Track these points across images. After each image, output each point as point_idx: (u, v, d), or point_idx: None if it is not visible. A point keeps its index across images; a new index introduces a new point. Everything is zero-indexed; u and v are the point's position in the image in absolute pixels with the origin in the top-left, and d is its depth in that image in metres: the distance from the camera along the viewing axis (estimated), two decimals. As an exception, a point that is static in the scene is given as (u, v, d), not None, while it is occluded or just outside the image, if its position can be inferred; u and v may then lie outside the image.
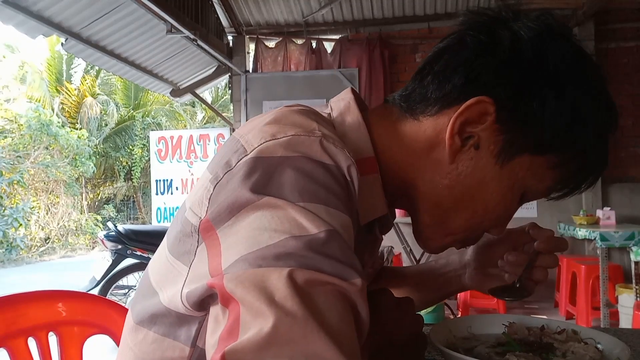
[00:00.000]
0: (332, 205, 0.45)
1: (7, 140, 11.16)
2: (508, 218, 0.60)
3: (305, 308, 0.37)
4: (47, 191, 11.83)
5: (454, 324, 0.77)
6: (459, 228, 0.59)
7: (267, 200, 0.44)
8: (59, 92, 12.96)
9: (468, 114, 0.53)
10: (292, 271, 0.38)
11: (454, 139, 0.54)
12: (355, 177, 0.48)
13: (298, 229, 0.42)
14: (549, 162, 0.54)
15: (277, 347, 0.35)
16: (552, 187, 0.57)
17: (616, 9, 4.99)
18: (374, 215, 0.58)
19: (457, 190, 0.56)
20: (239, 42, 5.80)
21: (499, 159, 0.54)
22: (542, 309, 4.72)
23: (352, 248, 0.44)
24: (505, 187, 0.55)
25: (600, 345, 0.69)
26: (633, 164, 5.03)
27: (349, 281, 0.40)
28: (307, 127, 0.50)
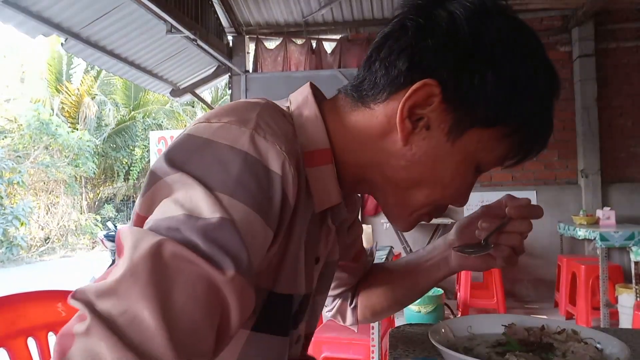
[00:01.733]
0: (238, 197, 0.46)
1: (7, 140, 11.16)
2: (467, 189, 0.62)
3: (151, 275, 0.39)
4: (47, 191, 11.83)
5: (454, 324, 0.77)
6: (421, 204, 0.61)
7: (180, 176, 0.46)
8: (59, 92, 12.95)
9: (415, 98, 0.55)
10: (163, 240, 0.41)
11: (404, 123, 0.56)
12: (289, 171, 0.49)
13: (196, 210, 0.44)
14: (497, 134, 0.56)
15: (111, 297, 0.38)
16: (504, 157, 0.59)
17: (616, 9, 4.99)
18: (329, 204, 0.60)
19: (413, 170, 0.58)
20: (239, 42, 5.80)
21: (449, 137, 0.56)
22: (542, 309, 4.72)
23: (245, 242, 0.44)
24: (458, 161, 0.57)
25: (600, 345, 0.69)
26: (633, 164, 5.03)
27: (220, 269, 0.41)
28: (244, 117, 0.51)
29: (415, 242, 5.20)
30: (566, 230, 4.46)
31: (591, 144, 4.96)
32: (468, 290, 4.28)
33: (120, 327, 0.37)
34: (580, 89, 5.01)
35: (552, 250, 5.00)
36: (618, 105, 5.07)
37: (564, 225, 4.55)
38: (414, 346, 0.88)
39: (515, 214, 0.68)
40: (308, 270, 0.62)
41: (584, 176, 4.99)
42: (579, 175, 5.10)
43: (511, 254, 0.68)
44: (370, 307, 0.87)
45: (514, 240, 0.68)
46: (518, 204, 0.68)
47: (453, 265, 0.78)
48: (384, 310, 0.87)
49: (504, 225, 0.68)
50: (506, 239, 0.69)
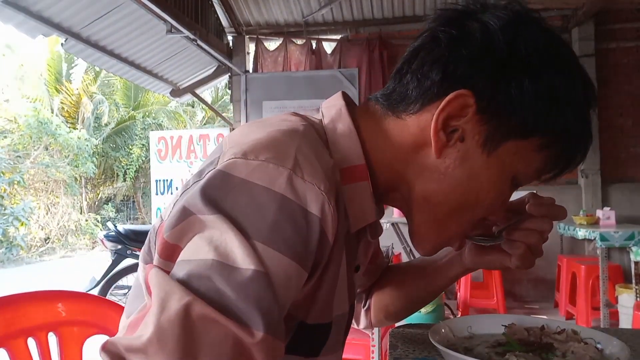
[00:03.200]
0: (273, 244, 0.44)
1: (7, 140, 11.16)
2: (502, 205, 0.60)
3: (179, 341, 0.38)
4: (47, 191, 11.83)
5: (454, 324, 0.77)
6: (452, 222, 0.59)
7: (215, 218, 0.44)
8: (58, 92, 12.95)
9: (449, 109, 0.54)
10: (191, 302, 0.40)
11: (438, 135, 0.55)
12: (329, 211, 0.47)
13: (230, 257, 0.42)
14: (534, 145, 0.55)
15: (140, 356, 0.39)
16: (542, 169, 0.58)
17: (616, 9, 4.99)
18: (364, 223, 0.59)
19: (446, 184, 0.56)
20: (239, 42, 5.80)
21: (485, 148, 0.55)
22: (542, 309, 4.72)
23: (277, 295, 0.43)
24: (494, 174, 0.56)
25: (600, 345, 0.69)
26: (633, 164, 5.03)
27: (249, 331, 0.40)
28: (282, 154, 0.48)
29: (415, 242, 5.20)
30: (566, 230, 4.45)
31: (591, 144, 4.95)
32: (468, 290, 4.28)
33: None
34: (580, 89, 5.00)
35: (552, 250, 5.00)
36: (618, 105, 5.07)
37: (564, 225, 4.54)
38: (414, 346, 0.88)
39: (537, 212, 0.63)
40: (350, 283, 0.60)
41: (584, 176, 4.99)
42: (579, 175, 5.10)
43: (527, 252, 0.63)
44: (384, 308, 0.86)
45: (532, 238, 0.63)
46: (541, 202, 0.64)
47: (467, 262, 0.74)
48: (398, 311, 0.85)
49: (521, 222, 0.63)
50: (523, 235, 0.63)
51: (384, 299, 0.85)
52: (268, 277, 0.42)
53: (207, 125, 14.32)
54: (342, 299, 0.58)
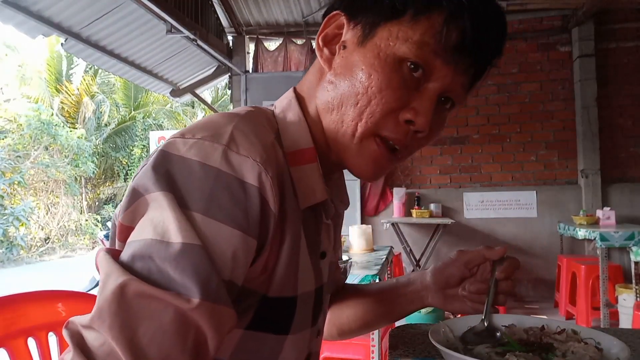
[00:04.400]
0: (212, 214, 0.47)
1: (7, 140, 11.16)
2: (396, 88, 0.56)
3: (115, 317, 0.42)
4: (47, 191, 11.82)
5: (454, 324, 0.77)
6: (352, 115, 0.58)
7: (158, 195, 0.47)
8: (58, 92, 12.95)
9: (327, 30, 0.62)
10: (127, 281, 0.43)
11: (323, 51, 0.62)
12: (267, 180, 0.50)
13: (167, 234, 0.45)
14: (405, 22, 0.56)
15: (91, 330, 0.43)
16: (429, 44, 0.55)
17: (616, 9, 4.99)
18: (314, 201, 0.60)
19: (339, 86, 0.60)
20: (239, 42, 5.80)
21: (361, 43, 0.59)
22: (542, 309, 4.72)
23: (217, 264, 0.46)
24: (371, 58, 0.57)
25: (600, 345, 0.69)
26: (633, 164, 5.03)
27: (186, 298, 0.43)
28: (218, 132, 0.52)
29: (415, 242, 5.20)
30: (566, 230, 4.45)
31: (591, 144, 4.96)
32: (468, 290, 4.28)
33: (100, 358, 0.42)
34: (580, 89, 5.01)
35: (552, 250, 5.01)
36: (618, 105, 5.07)
37: (564, 225, 4.54)
38: (414, 346, 0.88)
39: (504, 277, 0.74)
40: (316, 266, 0.63)
41: (584, 176, 4.99)
42: (579, 175, 5.10)
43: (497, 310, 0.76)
44: (339, 325, 0.88)
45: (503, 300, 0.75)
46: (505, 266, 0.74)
47: (429, 302, 0.82)
48: (352, 331, 0.89)
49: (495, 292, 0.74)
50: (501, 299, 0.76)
51: (341, 317, 0.88)
52: (203, 248, 0.45)
53: (207, 125, 14.28)
54: (307, 276, 0.60)
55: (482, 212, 5.25)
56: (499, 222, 5.21)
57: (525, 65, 5.24)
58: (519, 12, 5.08)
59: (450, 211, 5.31)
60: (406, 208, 5.21)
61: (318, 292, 0.63)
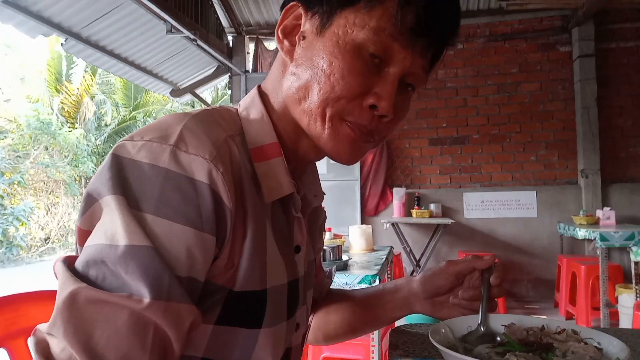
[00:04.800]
0: (162, 214, 0.48)
1: (7, 140, 11.16)
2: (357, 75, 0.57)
3: (67, 325, 0.44)
4: (47, 191, 11.82)
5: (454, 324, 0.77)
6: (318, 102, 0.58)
7: (109, 199, 0.48)
8: (58, 92, 12.95)
9: (286, 22, 0.62)
10: (77, 290, 0.44)
11: (283, 43, 0.62)
12: (218, 176, 0.51)
13: (116, 237, 0.46)
14: (360, 8, 0.57)
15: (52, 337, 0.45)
16: (386, 29, 0.56)
17: (616, 9, 4.99)
18: (280, 194, 0.61)
19: (302, 76, 0.60)
20: (239, 42, 5.81)
21: (319, 32, 0.59)
22: (542, 309, 4.72)
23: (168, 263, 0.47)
24: (330, 46, 0.58)
25: (600, 345, 0.69)
26: (633, 164, 5.03)
27: (137, 298, 0.44)
28: (166, 133, 0.53)
29: (415, 242, 5.20)
30: (566, 230, 4.46)
31: (591, 144, 4.96)
32: (468, 290, 4.28)
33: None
34: (580, 89, 5.01)
35: (552, 250, 5.01)
36: (618, 105, 5.07)
37: (564, 225, 4.55)
38: (414, 346, 0.88)
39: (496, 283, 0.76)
40: (288, 259, 0.63)
41: (584, 176, 4.99)
42: (579, 175, 5.10)
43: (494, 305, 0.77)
44: (324, 330, 0.89)
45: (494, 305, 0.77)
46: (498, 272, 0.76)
47: (417, 310, 0.83)
48: (338, 336, 0.89)
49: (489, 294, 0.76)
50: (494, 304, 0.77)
51: (327, 322, 0.89)
52: (153, 248, 0.46)
53: (207, 125, 14.28)
54: (277, 270, 0.60)
55: (482, 212, 5.25)
56: (499, 222, 5.21)
57: (525, 65, 5.25)
58: (519, 12, 5.08)
59: (450, 211, 5.31)
60: (406, 208, 5.21)
61: (292, 286, 0.63)
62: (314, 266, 0.77)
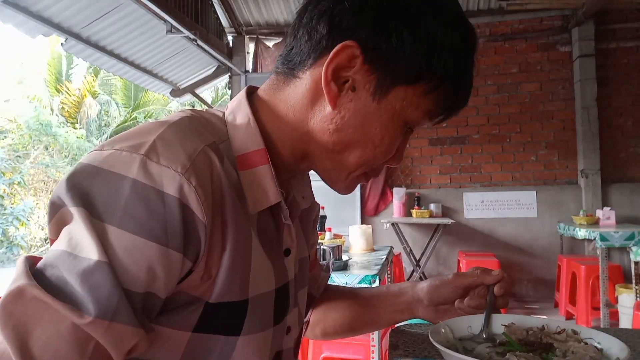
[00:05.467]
0: (125, 227, 0.46)
1: (7, 140, 11.16)
2: (398, 147, 0.63)
3: (8, 318, 0.43)
4: (47, 191, 11.83)
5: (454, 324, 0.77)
6: (355, 165, 0.62)
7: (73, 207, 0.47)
8: (58, 92, 12.96)
9: (337, 60, 0.56)
10: (25, 286, 0.43)
11: (330, 86, 0.57)
12: (191, 191, 0.49)
13: (77, 248, 0.45)
14: (420, 90, 0.58)
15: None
16: (431, 112, 0.61)
17: (616, 9, 4.99)
18: (267, 204, 0.59)
19: (344, 133, 0.59)
20: (239, 42, 5.81)
21: (375, 96, 0.57)
22: (542, 309, 4.72)
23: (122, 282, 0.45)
24: (386, 120, 0.59)
25: (600, 345, 0.69)
26: (633, 164, 5.04)
27: (79, 313, 0.43)
28: (137, 142, 0.51)
29: (415, 242, 5.20)
30: (566, 230, 4.46)
31: (591, 144, 4.96)
32: (468, 290, 4.28)
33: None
34: (580, 89, 5.01)
35: (552, 250, 5.01)
36: (618, 105, 5.07)
37: (564, 225, 4.55)
38: (414, 346, 0.88)
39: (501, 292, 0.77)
40: (277, 264, 0.62)
41: (584, 176, 4.99)
42: (579, 175, 5.10)
43: None
44: (323, 327, 0.88)
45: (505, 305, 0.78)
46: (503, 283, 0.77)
47: (419, 314, 0.83)
48: (337, 333, 0.89)
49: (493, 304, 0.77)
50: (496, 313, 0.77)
51: (326, 319, 0.88)
52: (109, 265, 0.45)
53: (207, 125, 14.29)
54: (263, 278, 0.59)
55: (482, 212, 5.25)
56: (499, 222, 5.21)
57: (525, 65, 5.25)
58: (519, 12, 5.09)
59: (450, 211, 5.31)
60: (406, 208, 5.21)
61: (281, 291, 0.62)
62: (307, 263, 0.76)
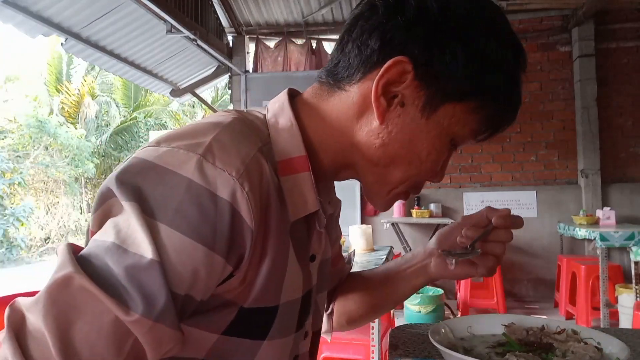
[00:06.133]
0: (176, 226, 0.46)
1: (7, 140, 11.16)
2: (443, 164, 0.64)
3: (52, 307, 0.42)
4: (47, 191, 11.83)
5: (454, 324, 0.77)
6: (399, 181, 0.62)
7: (125, 201, 0.46)
8: (58, 92, 12.95)
9: (388, 75, 0.56)
10: (73, 274, 0.43)
11: (379, 101, 0.57)
12: (243, 196, 0.48)
13: (127, 241, 0.45)
14: (469, 108, 0.58)
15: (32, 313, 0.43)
16: (477, 130, 0.60)
17: (616, 9, 4.99)
18: (305, 212, 0.59)
19: (390, 148, 0.59)
20: (239, 42, 5.80)
21: (424, 112, 0.57)
22: (542, 309, 4.72)
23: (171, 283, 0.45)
24: (433, 136, 0.58)
25: (600, 345, 0.69)
26: (633, 164, 5.03)
27: (126, 309, 0.43)
28: (195, 141, 0.50)
29: (415, 242, 5.20)
30: (566, 230, 4.46)
31: (591, 144, 4.96)
32: (468, 290, 4.29)
33: (30, 343, 0.42)
34: (580, 89, 5.01)
35: (552, 250, 5.01)
36: (618, 105, 5.07)
37: (564, 225, 4.55)
38: (414, 346, 0.88)
39: (501, 224, 0.70)
40: (304, 270, 0.61)
41: (584, 176, 4.99)
42: (579, 175, 5.10)
43: (495, 263, 0.71)
44: (347, 313, 0.87)
45: (499, 249, 0.70)
46: (503, 214, 0.71)
47: (433, 273, 0.78)
48: (361, 317, 0.87)
49: (488, 233, 0.70)
50: (491, 248, 0.71)
51: (348, 305, 0.87)
52: (159, 263, 0.44)
53: (207, 125, 14.28)
54: (293, 285, 0.59)
55: (482, 212, 5.25)
56: (499, 222, 5.20)
57: (525, 65, 5.24)
58: (519, 12, 5.08)
59: (450, 211, 5.30)
60: (406, 208, 5.21)
61: (305, 298, 0.62)
62: (328, 265, 0.75)
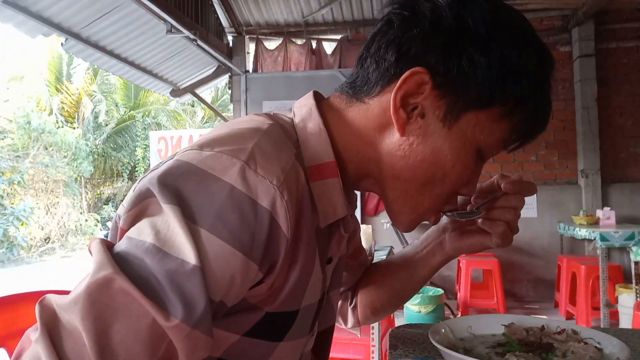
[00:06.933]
0: (217, 232, 0.46)
1: (7, 140, 11.16)
2: (470, 177, 0.60)
3: (91, 309, 0.41)
4: (47, 191, 11.83)
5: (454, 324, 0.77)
6: (424, 196, 0.60)
7: (165, 203, 0.46)
8: (58, 92, 12.95)
9: (406, 87, 0.55)
10: (114, 276, 0.42)
11: (399, 113, 0.56)
12: (282, 205, 0.48)
13: (168, 244, 0.44)
14: (494, 115, 0.56)
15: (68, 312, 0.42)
16: (506, 139, 0.59)
17: (616, 9, 4.99)
18: (335, 218, 0.59)
19: (412, 160, 0.58)
20: (239, 42, 5.80)
21: (445, 122, 0.56)
22: (542, 309, 4.72)
23: (210, 289, 0.44)
24: (457, 147, 0.57)
25: (600, 345, 0.69)
26: (633, 164, 5.04)
27: (165, 314, 0.42)
28: (238, 147, 0.50)
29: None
30: (566, 230, 4.46)
31: (591, 144, 4.96)
32: (468, 290, 4.29)
33: (65, 343, 0.41)
34: (580, 89, 5.01)
35: (552, 250, 5.01)
36: (618, 105, 5.07)
37: (564, 225, 4.55)
38: (414, 346, 0.88)
39: (511, 189, 0.66)
40: (323, 273, 0.61)
41: (584, 176, 4.99)
42: (579, 175, 5.10)
43: (506, 230, 0.66)
44: (370, 304, 0.86)
45: (509, 215, 0.66)
46: (513, 180, 0.67)
47: (448, 249, 0.75)
48: (384, 306, 0.86)
49: (497, 198, 0.66)
50: (501, 214, 0.66)
51: (370, 295, 0.86)
52: (200, 269, 0.44)
53: (207, 124, 14.31)
54: (314, 289, 0.59)
55: (482, 212, 5.25)
56: (499, 222, 5.20)
57: (525, 65, 5.24)
58: (519, 12, 5.08)
59: (450, 211, 5.31)
60: (406, 208, 5.20)
61: (320, 302, 0.63)
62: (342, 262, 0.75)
